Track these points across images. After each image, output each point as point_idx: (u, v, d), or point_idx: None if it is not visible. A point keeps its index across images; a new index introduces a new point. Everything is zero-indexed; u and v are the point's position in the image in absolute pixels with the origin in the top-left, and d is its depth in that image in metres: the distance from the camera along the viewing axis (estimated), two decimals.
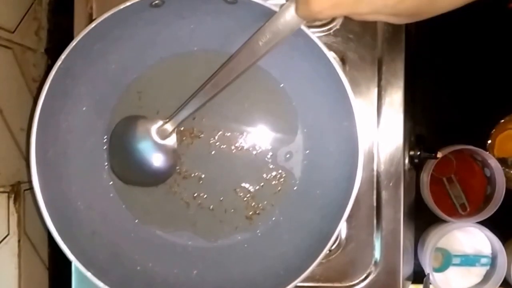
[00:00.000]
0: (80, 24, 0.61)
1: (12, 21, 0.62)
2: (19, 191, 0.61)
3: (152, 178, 0.58)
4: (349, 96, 0.49)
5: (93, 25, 0.50)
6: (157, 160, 0.57)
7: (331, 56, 0.49)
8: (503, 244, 0.73)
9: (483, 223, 0.73)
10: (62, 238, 0.50)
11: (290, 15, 0.46)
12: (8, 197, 0.59)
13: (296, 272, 0.51)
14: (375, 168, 0.60)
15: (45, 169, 0.51)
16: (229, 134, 0.59)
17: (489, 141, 0.78)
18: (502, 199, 0.73)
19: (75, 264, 0.50)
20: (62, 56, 0.50)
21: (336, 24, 0.60)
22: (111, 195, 0.59)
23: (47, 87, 0.50)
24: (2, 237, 0.58)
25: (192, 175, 0.60)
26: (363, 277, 0.60)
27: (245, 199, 0.59)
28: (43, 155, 0.51)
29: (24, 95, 0.64)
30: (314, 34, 0.49)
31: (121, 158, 0.58)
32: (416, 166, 0.70)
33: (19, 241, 0.60)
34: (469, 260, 0.76)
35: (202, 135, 0.60)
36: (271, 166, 0.59)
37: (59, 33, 0.70)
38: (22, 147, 0.62)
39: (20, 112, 0.62)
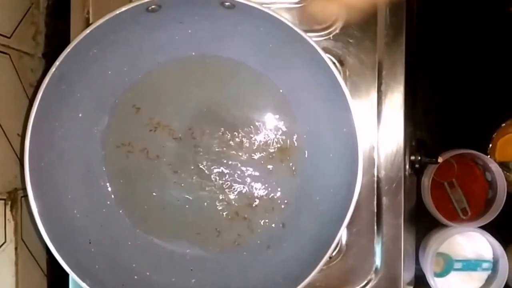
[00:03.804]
0: (77, 29, 0.60)
1: (9, 26, 0.61)
2: (16, 198, 0.60)
3: None
4: (348, 102, 0.49)
5: (88, 30, 0.49)
6: None
7: (330, 61, 0.49)
8: (505, 249, 0.72)
9: (485, 227, 0.73)
10: (57, 247, 0.49)
11: None
12: (5, 204, 0.59)
13: (296, 279, 0.50)
14: (375, 174, 0.59)
15: (40, 176, 0.51)
16: (226, 140, 0.59)
17: (490, 145, 0.77)
18: (503, 204, 0.72)
19: (71, 275, 0.49)
20: (57, 62, 0.49)
21: (336, 29, 0.59)
22: (108, 202, 0.58)
23: (42, 93, 0.50)
24: None
25: (190, 181, 0.59)
26: (363, 283, 0.60)
27: (244, 206, 0.59)
28: (38, 162, 0.51)
29: (21, 100, 0.63)
30: (313, 39, 0.49)
31: None
32: (417, 171, 0.70)
33: (16, 248, 0.60)
34: (470, 265, 0.75)
35: (200, 141, 0.59)
36: (270, 172, 0.59)
37: (57, 38, 0.69)
38: (19, 153, 0.61)
39: (17, 117, 0.62)
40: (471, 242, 0.76)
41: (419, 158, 0.67)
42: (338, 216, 0.51)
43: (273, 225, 0.58)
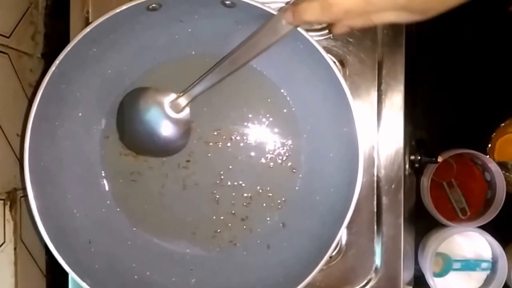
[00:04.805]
0: (76, 28, 0.60)
1: (8, 26, 0.61)
2: (15, 198, 0.60)
3: (164, 151, 0.58)
4: (349, 102, 0.49)
5: (88, 29, 0.49)
6: (170, 134, 0.56)
7: (331, 61, 0.49)
8: (504, 249, 0.73)
9: (484, 227, 0.73)
10: (57, 247, 0.49)
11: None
12: (4, 204, 0.58)
13: (297, 279, 0.50)
14: (375, 173, 0.59)
15: (40, 176, 0.51)
16: (227, 139, 0.59)
17: (489, 145, 0.77)
18: (502, 203, 0.73)
19: (71, 275, 0.49)
20: (57, 61, 0.49)
21: None
22: (108, 202, 0.58)
23: (41, 92, 0.49)
24: None
25: (189, 181, 0.59)
26: (363, 283, 0.60)
27: (244, 206, 0.59)
28: (38, 162, 0.51)
29: (20, 100, 0.63)
30: (314, 38, 0.49)
31: (131, 129, 0.57)
32: (416, 170, 0.70)
33: (15, 248, 0.60)
34: (469, 265, 0.75)
35: (199, 139, 0.59)
36: (270, 172, 0.59)
37: (56, 38, 0.69)
38: (18, 153, 0.61)
39: (16, 117, 0.61)
40: (470, 242, 0.76)
41: (419, 157, 0.67)
42: (338, 215, 0.50)
43: (273, 224, 0.58)
